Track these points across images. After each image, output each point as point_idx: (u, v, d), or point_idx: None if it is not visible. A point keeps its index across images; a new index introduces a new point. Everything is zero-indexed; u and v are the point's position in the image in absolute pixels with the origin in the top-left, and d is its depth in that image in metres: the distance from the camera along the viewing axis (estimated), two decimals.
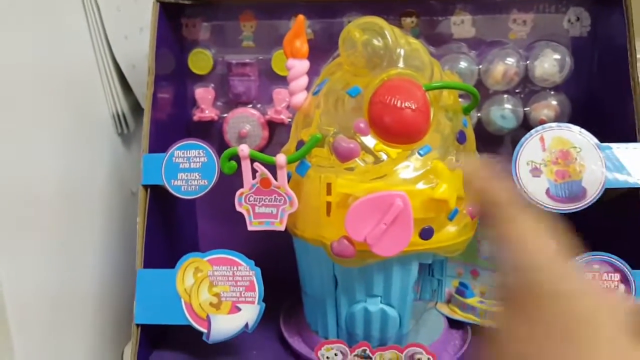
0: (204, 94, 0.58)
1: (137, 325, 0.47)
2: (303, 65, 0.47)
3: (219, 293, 0.46)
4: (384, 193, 0.40)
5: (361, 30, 0.44)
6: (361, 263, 0.43)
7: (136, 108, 0.59)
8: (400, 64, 0.43)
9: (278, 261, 0.48)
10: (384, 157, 0.42)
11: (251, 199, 0.44)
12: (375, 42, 0.43)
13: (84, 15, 0.53)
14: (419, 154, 0.41)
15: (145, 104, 0.50)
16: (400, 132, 0.41)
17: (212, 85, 0.58)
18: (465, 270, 0.55)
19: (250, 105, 0.58)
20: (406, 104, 0.40)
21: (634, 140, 0.46)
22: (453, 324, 0.53)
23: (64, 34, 0.50)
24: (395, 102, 0.40)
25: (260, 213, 0.45)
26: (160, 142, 0.51)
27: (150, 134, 0.51)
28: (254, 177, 0.44)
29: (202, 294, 0.46)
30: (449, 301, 0.56)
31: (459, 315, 0.53)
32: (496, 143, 0.57)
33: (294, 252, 0.51)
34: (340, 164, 0.42)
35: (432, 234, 0.42)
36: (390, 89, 0.41)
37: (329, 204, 0.42)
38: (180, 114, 0.58)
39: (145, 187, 0.49)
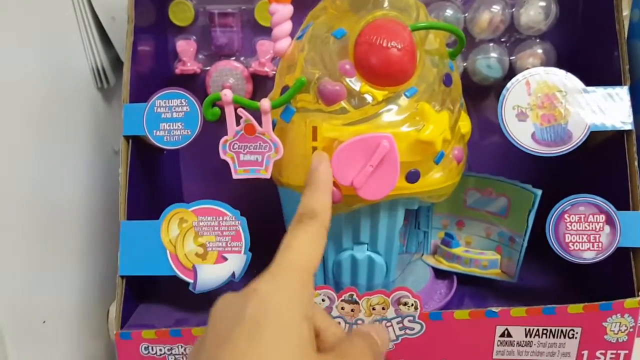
0: (185, 47, 0.57)
1: (122, 277, 0.47)
2: (287, 9, 0.46)
3: (204, 243, 0.46)
4: (369, 135, 0.39)
5: None
6: (348, 209, 0.43)
7: (116, 62, 0.58)
8: (386, 6, 0.42)
9: (263, 213, 0.48)
10: (370, 99, 0.41)
11: (235, 146, 0.43)
12: None
13: None
14: (405, 95, 0.41)
15: (125, 53, 0.49)
16: (387, 73, 0.40)
17: (194, 37, 0.57)
18: (451, 222, 0.56)
19: (234, 58, 0.57)
20: (392, 44, 0.40)
21: (619, 83, 0.46)
22: (439, 274, 0.53)
23: None
24: (382, 42, 0.40)
25: (245, 161, 0.44)
26: (141, 95, 0.50)
27: (131, 85, 0.49)
28: (238, 124, 0.43)
29: (187, 244, 0.46)
30: (434, 252, 0.56)
31: (444, 265, 0.53)
32: (482, 93, 0.57)
33: (279, 204, 0.50)
34: (326, 107, 0.42)
35: (419, 177, 0.41)
36: (376, 29, 0.40)
37: (315, 149, 0.42)
38: (162, 67, 0.57)
39: (127, 137, 0.48)
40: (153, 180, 0.54)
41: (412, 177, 0.41)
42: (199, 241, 0.46)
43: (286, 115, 0.43)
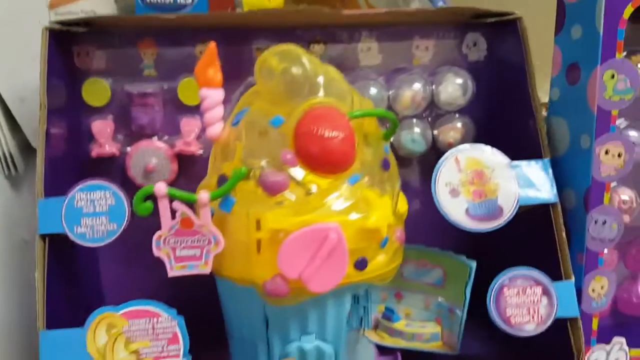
0: (101, 127, 0.53)
1: None
2: (218, 94, 0.44)
3: (137, 350, 0.42)
4: (316, 226, 0.38)
5: (278, 58, 0.42)
6: (295, 301, 0.41)
7: (25, 147, 0.52)
8: (321, 92, 0.42)
9: (195, 305, 0.45)
10: (314, 188, 0.40)
11: (171, 241, 0.41)
12: (294, 70, 0.42)
13: None
14: (349, 183, 0.40)
15: (39, 142, 0.44)
16: (330, 162, 0.40)
17: (111, 117, 0.54)
18: (389, 294, 0.56)
19: (156, 138, 0.54)
20: (333, 134, 0.39)
21: (539, 156, 0.49)
22: (382, 350, 0.53)
23: None
24: (322, 132, 0.39)
25: (182, 256, 0.41)
26: (55, 184, 0.45)
27: (45, 175, 0.45)
28: (173, 218, 0.40)
29: (117, 353, 0.41)
30: (376, 327, 0.55)
31: (388, 341, 0.53)
32: (406, 166, 0.59)
33: (213, 294, 0.47)
34: (268, 197, 0.40)
35: (367, 264, 0.41)
36: (315, 119, 0.40)
37: (259, 241, 0.40)
38: (76, 151, 0.53)
39: (43, 236, 0.43)
40: (71, 278, 0.49)
41: (360, 264, 0.41)
42: (130, 348, 0.42)
43: (226, 206, 0.41)
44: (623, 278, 0.54)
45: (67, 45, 0.51)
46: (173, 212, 0.40)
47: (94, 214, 0.43)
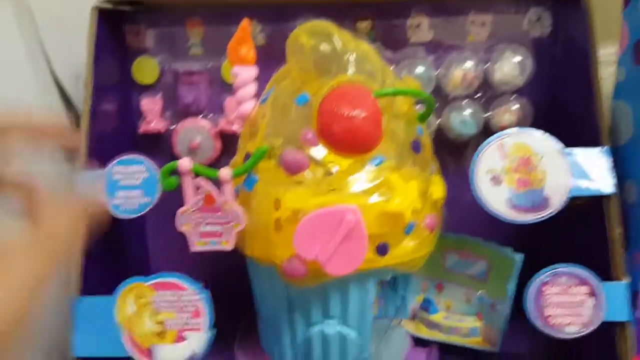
0: (150, 105, 0.55)
1: (77, 359, 0.44)
2: (249, 72, 0.44)
3: (163, 321, 0.43)
4: (333, 208, 0.37)
5: (309, 35, 0.41)
6: (314, 283, 0.40)
7: (78, 123, 0.55)
8: (350, 70, 0.40)
9: (233, 281, 0.45)
10: (335, 168, 0.39)
11: (194, 217, 0.41)
12: (323, 47, 0.40)
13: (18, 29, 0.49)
14: (372, 164, 0.39)
15: (83, 119, 0.47)
16: (351, 142, 0.38)
17: (159, 95, 0.55)
18: (430, 285, 0.53)
19: (201, 116, 0.55)
20: (356, 112, 0.38)
21: (599, 144, 0.44)
22: (419, 341, 0.51)
23: None
24: (345, 111, 0.38)
25: (205, 232, 0.41)
26: (104, 157, 0.47)
27: (92, 149, 0.47)
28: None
29: (145, 322, 0.43)
30: (413, 317, 0.53)
31: (424, 333, 0.51)
32: (458, 149, 0.55)
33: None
34: (288, 177, 0.39)
35: (388, 249, 0.39)
36: (338, 97, 0.38)
37: (277, 221, 0.39)
38: (125, 127, 0.55)
39: None
40: (115, 247, 0.51)
41: (382, 249, 0.39)
42: (157, 319, 0.43)
43: (249, 184, 0.41)
44: None
45: (117, 24, 0.53)
46: (198, 188, 0.40)
47: (129, 186, 0.45)
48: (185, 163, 0.40)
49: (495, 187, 0.43)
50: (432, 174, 0.43)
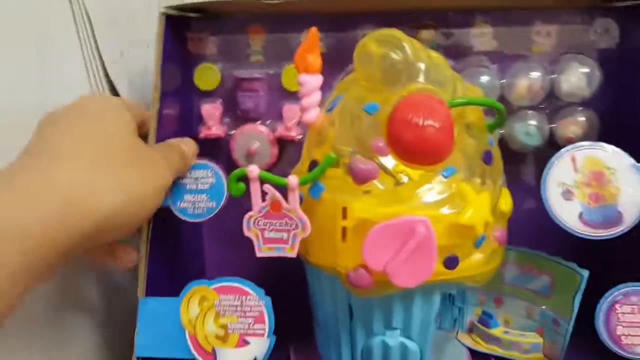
0: (210, 110, 0.55)
1: (138, 358, 0.44)
2: (316, 80, 0.44)
3: (225, 324, 0.43)
4: (404, 218, 0.37)
5: (378, 43, 0.41)
6: (379, 293, 0.40)
7: None
8: (421, 79, 0.40)
9: (290, 287, 0.45)
10: (405, 179, 0.38)
11: (260, 223, 0.41)
12: (394, 55, 0.40)
13: (75, 32, 0.50)
14: (443, 175, 0.38)
15: (152, 122, 0.47)
16: (423, 152, 0.38)
17: (220, 101, 0.56)
18: (488, 298, 0.52)
19: (259, 122, 0.56)
20: (429, 122, 0.37)
21: None
22: (475, 355, 0.50)
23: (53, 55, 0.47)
24: (417, 120, 0.37)
25: (270, 238, 0.41)
26: None
27: None
28: (263, 200, 0.41)
29: (207, 325, 0.43)
30: (470, 330, 0.52)
31: (482, 347, 0.50)
32: (520, 161, 0.54)
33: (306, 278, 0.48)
34: (356, 186, 0.39)
35: (458, 262, 0.38)
36: (411, 106, 0.38)
37: (344, 230, 0.39)
38: (186, 132, 0.55)
39: None
40: (174, 251, 0.52)
41: (451, 262, 0.38)
42: (219, 322, 0.43)
43: (315, 192, 0.41)
44: None
45: (181, 30, 0.53)
46: (264, 195, 0.41)
47: (196, 191, 0.45)
48: (253, 170, 0.40)
49: (566, 201, 0.42)
50: (503, 185, 0.42)
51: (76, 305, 0.48)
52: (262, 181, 0.40)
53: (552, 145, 0.52)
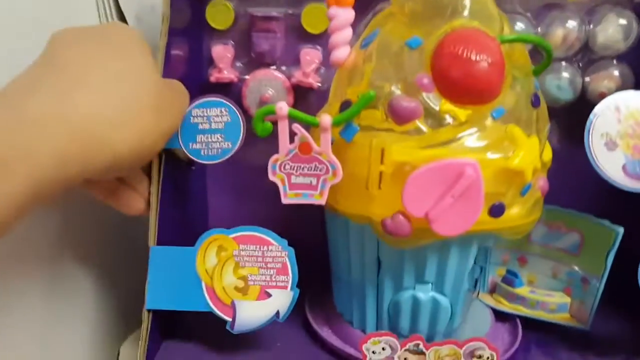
0: (222, 52, 0.51)
1: (149, 311, 0.41)
2: (348, 14, 0.40)
3: (246, 276, 0.40)
4: (452, 161, 0.34)
5: None
6: (415, 243, 0.37)
7: None
8: (466, 13, 0.37)
9: (304, 240, 0.42)
10: (449, 119, 0.35)
11: (287, 166, 0.38)
12: None
13: None
14: (492, 116, 0.35)
15: (159, 55, 0.43)
16: (473, 89, 0.35)
17: (232, 42, 0.51)
18: (512, 257, 0.50)
19: (274, 67, 0.52)
20: (481, 57, 0.34)
21: None
22: (498, 316, 0.48)
23: None
24: (468, 54, 0.34)
25: (297, 183, 0.38)
26: None
27: None
28: (291, 142, 0.37)
29: (226, 276, 0.40)
30: (492, 291, 0.50)
31: (506, 306, 0.48)
32: (549, 115, 0.52)
33: (320, 231, 0.45)
34: (395, 127, 0.36)
35: (504, 210, 0.36)
36: (461, 39, 0.35)
37: (381, 174, 0.36)
38: (195, 74, 0.51)
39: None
40: (182, 199, 0.48)
41: (496, 210, 0.36)
42: (239, 273, 0.40)
43: (348, 134, 0.38)
44: None
45: None
46: (292, 137, 0.37)
47: (209, 130, 0.42)
48: (283, 107, 0.36)
49: (609, 152, 0.40)
50: (548, 132, 0.39)
51: (79, 254, 0.44)
52: (291, 120, 0.37)
53: (584, 100, 0.50)
